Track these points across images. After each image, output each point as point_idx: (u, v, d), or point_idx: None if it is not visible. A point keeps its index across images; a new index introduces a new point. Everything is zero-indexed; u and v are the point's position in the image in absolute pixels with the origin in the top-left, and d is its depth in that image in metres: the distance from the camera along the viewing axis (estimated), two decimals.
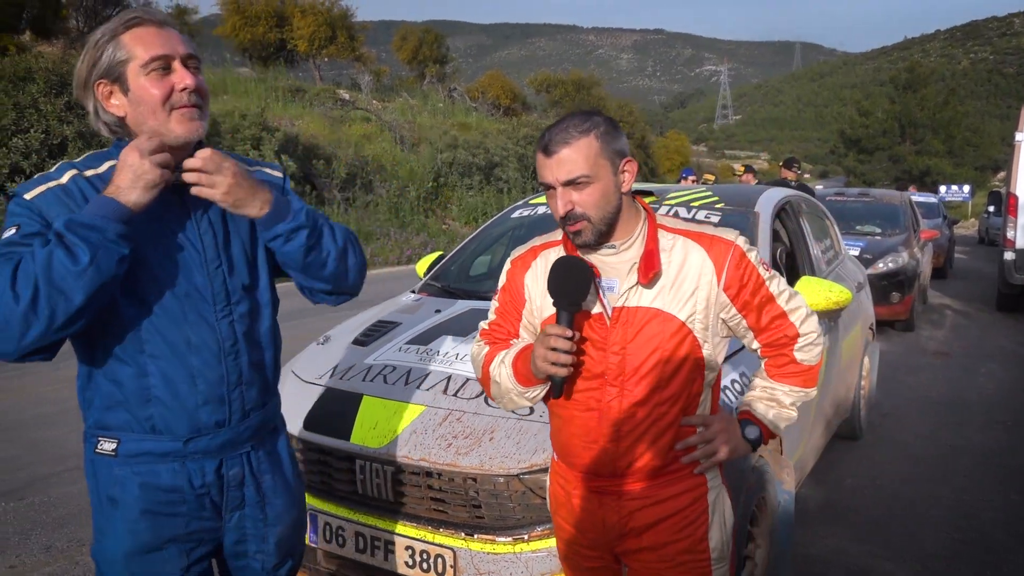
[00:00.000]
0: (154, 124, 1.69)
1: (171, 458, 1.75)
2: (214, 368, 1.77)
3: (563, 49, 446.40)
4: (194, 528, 1.80)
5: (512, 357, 1.91)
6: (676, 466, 1.91)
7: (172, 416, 1.73)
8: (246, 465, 1.85)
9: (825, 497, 4.48)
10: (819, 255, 4.63)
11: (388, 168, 20.63)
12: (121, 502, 1.75)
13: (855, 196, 11.53)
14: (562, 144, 1.75)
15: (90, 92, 1.71)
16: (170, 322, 1.72)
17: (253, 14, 30.53)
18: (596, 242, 1.82)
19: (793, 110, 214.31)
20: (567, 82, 40.35)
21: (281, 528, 1.94)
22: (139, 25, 1.70)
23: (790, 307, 1.92)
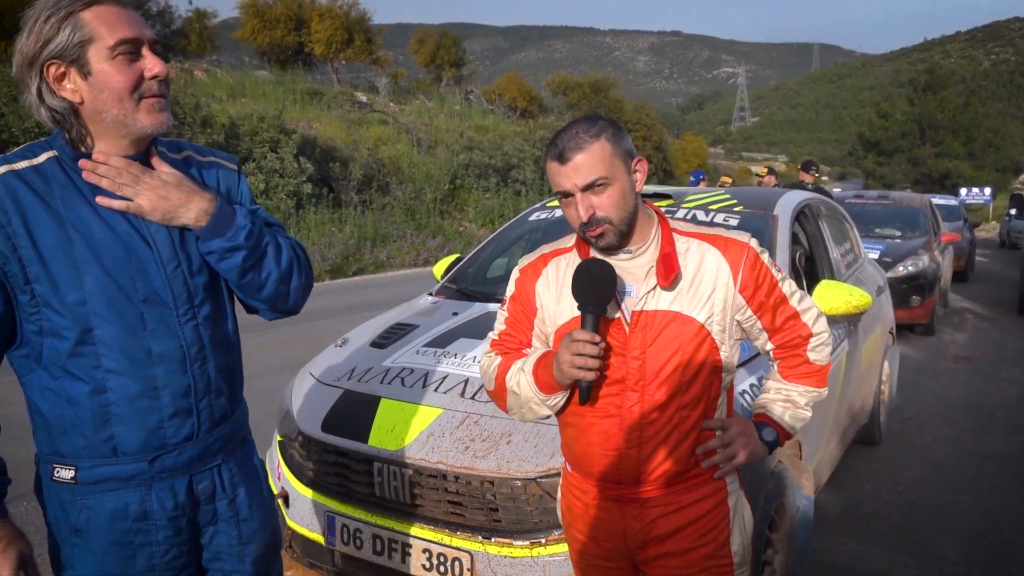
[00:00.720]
0: (118, 113, 1.53)
1: (136, 481, 1.61)
2: (179, 378, 1.62)
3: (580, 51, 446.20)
4: (173, 556, 1.67)
5: (532, 365, 1.88)
6: (696, 471, 1.90)
7: (134, 435, 1.59)
8: (217, 479, 1.73)
9: (844, 503, 4.44)
10: (838, 258, 4.59)
11: (405, 170, 20.68)
12: (86, 533, 1.61)
13: (874, 199, 11.44)
14: (576, 150, 1.74)
15: (36, 72, 1.50)
16: (128, 332, 1.56)
17: (271, 17, 30.74)
18: (618, 244, 1.81)
19: (811, 112, 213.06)
20: (584, 84, 40.30)
21: (257, 546, 1.82)
22: (101, 3, 1.51)
23: (802, 307, 1.93)
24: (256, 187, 16.01)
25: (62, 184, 1.55)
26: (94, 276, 1.53)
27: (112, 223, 1.56)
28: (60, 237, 1.52)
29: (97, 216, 1.56)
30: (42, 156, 1.57)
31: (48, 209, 1.53)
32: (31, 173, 1.54)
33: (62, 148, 1.58)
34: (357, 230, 16.85)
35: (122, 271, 1.56)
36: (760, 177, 11.56)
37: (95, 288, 1.53)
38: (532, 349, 1.96)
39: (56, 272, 1.52)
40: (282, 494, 2.98)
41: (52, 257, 1.52)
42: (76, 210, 1.55)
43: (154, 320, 1.59)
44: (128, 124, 1.55)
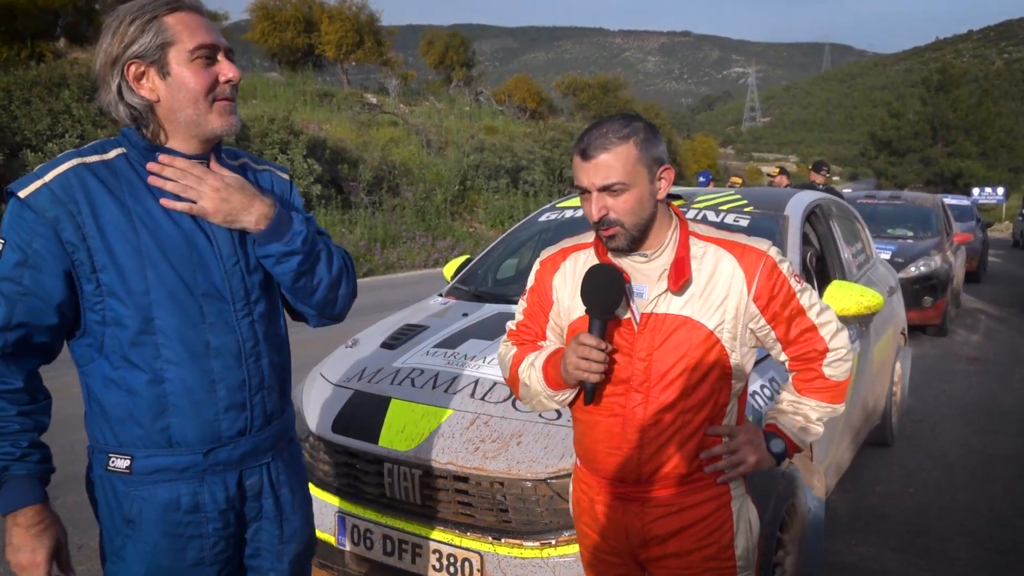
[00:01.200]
0: (192, 114, 1.61)
1: (190, 473, 1.65)
2: (235, 372, 1.67)
3: (589, 52, 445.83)
4: (221, 548, 1.71)
5: (542, 361, 1.90)
6: (700, 474, 1.89)
7: (190, 426, 1.63)
8: (265, 476, 1.77)
9: (856, 504, 4.42)
10: (850, 259, 4.57)
11: (415, 171, 20.71)
12: (139, 524, 1.64)
13: (886, 199, 11.39)
14: (600, 149, 1.74)
15: (118, 71, 1.59)
16: (187, 324, 1.61)
17: (282, 20, 30.82)
18: (628, 248, 1.81)
19: (822, 112, 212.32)
20: (593, 85, 40.27)
21: (296, 546, 1.86)
22: (181, 9, 1.61)
23: (820, 321, 1.89)
24: None
25: (130, 180, 1.62)
26: (158, 268, 1.59)
27: (177, 219, 1.63)
28: (127, 229, 1.58)
29: (163, 211, 1.62)
30: (112, 152, 1.64)
31: (116, 201, 1.59)
32: (101, 167, 1.61)
33: (134, 145, 1.64)
34: (367, 231, 16.89)
35: (184, 265, 1.62)
36: (772, 177, 11.51)
37: (158, 279, 1.59)
38: (546, 342, 1.98)
39: (122, 262, 1.57)
40: None
41: (119, 247, 1.57)
42: (143, 204, 1.61)
43: (213, 314, 1.65)
44: (200, 124, 1.63)
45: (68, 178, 1.56)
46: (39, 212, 1.53)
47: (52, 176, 1.56)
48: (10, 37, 20.64)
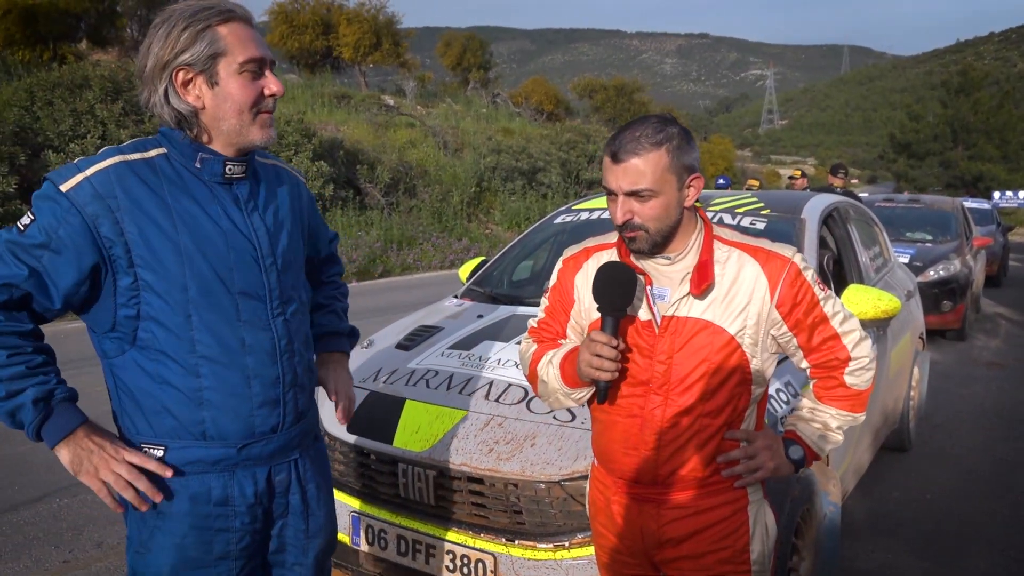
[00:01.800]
0: (235, 124, 1.66)
1: (222, 466, 1.68)
2: (269, 369, 1.71)
3: (607, 54, 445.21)
4: (246, 543, 1.74)
5: (560, 358, 1.91)
6: (717, 478, 1.89)
7: (226, 421, 1.66)
8: (293, 472, 1.80)
9: (873, 510, 4.39)
10: (867, 262, 4.54)
11: (431, 173, 20.77)
12: (168, 515, 1.67)
13: (905, 202, 11.31)
14: (632, 154, 1.72)
15: (166, 76, 1.62)
16: (224, 321, 1.65)
17: (300, 22, 31.01)
18: (650, 251, 1.81)
19: (841, 114, 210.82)
20: (609, 87, 40.21)
21: (321, 541, 1.89)
22: (234, 20, 1.64)
23: (843, 329, 1.88)
24: None
25: (171, 179, 1.65)
26: (196, 265, 1.63)
27: (216, 218, 1.67)
28: (167, 226, 1.61)
29: (203, 211, 1.66)
30: (153, 151, 1.67)
31: (157, 199, 1.62)
32: (142, 164, 1.64)
33: (175, 145, 1.68)
34: (384, 232, 16.95)
35: (222, 263, 1.66)
36: (793, 180, 11.43)
37: (196, 277, 1.62)
38: (566, 341, 1.99)
39: (162, 258, 1.60)
40: None
41: (158, 244, 1.60)
42: (183, 203, 1.64)
43: (248, 312, 1.69)
44: (242, 135, 1.68)
45: (108, 174, 1.59)
46: (77, 205, 1.56)
47: (93, 171, 1.59)
48: (32, 39, 20.87)
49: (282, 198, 1.85)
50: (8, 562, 3.71)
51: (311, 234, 2.02)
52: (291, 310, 1.78)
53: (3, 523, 4.11)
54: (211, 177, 1.69)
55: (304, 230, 1.95)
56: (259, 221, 1.74)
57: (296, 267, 1.85)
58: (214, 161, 1.68)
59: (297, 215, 1.89)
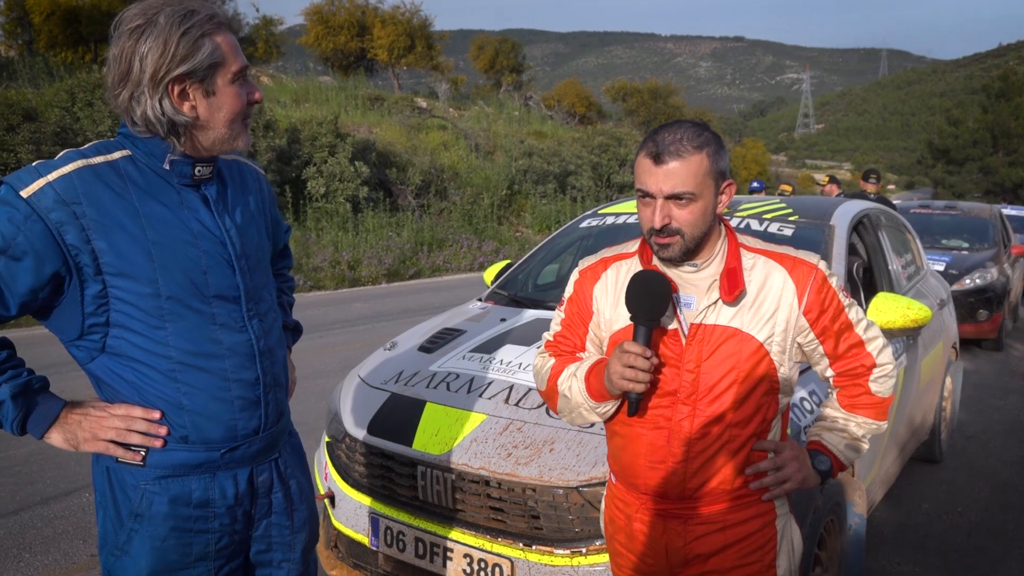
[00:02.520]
0: (224, 132, 1.63)
1: (203, 469, 1.66)
2: (248, 371, 1.69)
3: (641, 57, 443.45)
4: (225, 544, 1.71)
5: (585, 371, 1.86)
6: (746, 490, 1.85)
7: (207, 425, 1.64)
8: (275, 471, 1.79)
9: (901, 522, 4.31)
10: (899, 270, 4.47)
11: (463, 175, 20.82)
12: (147, 518, 1.64)
13: (941, 208, 11.09)
14: (675, 156, 1.70)
15: (163, 86, 1.54)
16: (200, 325, 1.62)
17: (335, 24, 31.30)
18: (681, 259, 1.78)
19: (878, 119, 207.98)
20: (643, 90, 40.04)
21: (306, 534, 1.88)
22: (224, 26, 1.61)
23: (868, 336, 1.88)
24: (317, 191, 16.31)
25: (137, 182, 1.60)
26: (168, 271, 1.59)
27: (186, 221, 1.62)
28: (136, 231, 1.56)
29: (172, 214, 1.61)
30: (116, 153, 1.61)
31: (124, 203, 1.57)
32: (106, 168, 1.58)
33: (139, 147, 1.61)
34: (414, 234, 17.02)
35: (195, 267, 1.62)
36: (822, 186, 11.29)
37: (169, 282, 1.59)
38: (586, 353, 1.95)
39: (132, 264, 1.56)
40: (328, 494, 3.02)
41: (128, 249, 1.55)
42: (151, 207, 1.59)
43: (224, 315, 1.66)
44: (227, 142, 1.65)
45: (72, 179, 1.53)
46: (39, 212, 1.49)
47: (56, 176, 1.52)
48: (74, 41, 21.32)
49: (248, 195, 1.82)
50: (37, 555, 3.78)
51: (274, 228, 1.98)
52: (263, 309, 1.76)
53: (33, 517, 4.19)
54: (179, 179, 1.64)
55: (269, 225, 1.92)
56: (230, 222, 1.70)
57: (265, 264, 1.82)
58: (183, 163, 1.63)
59: (259, 209, 1.86)
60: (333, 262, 14.49)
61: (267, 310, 1.77)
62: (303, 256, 14.54)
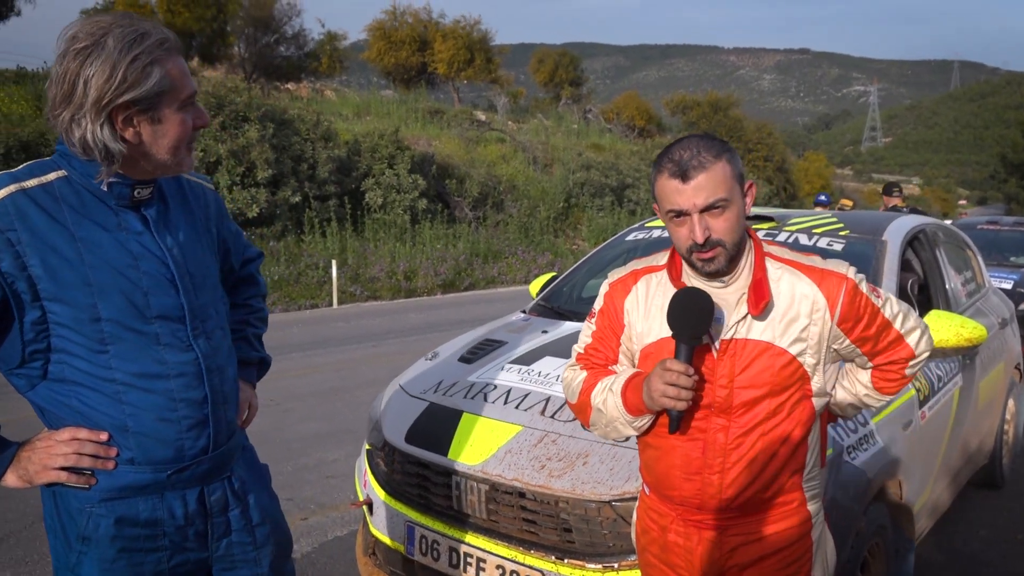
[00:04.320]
0: (167, 158, 1.60)
1: (150, 491, 1.62)
2: (195, 390, 1.65)
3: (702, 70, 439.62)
4: (178, 562, 1.68)
5: (621, 386, 1.84)
6: (783, 499, 1.85)
7: (152, 446, 1.60)
8: (228, 489, 1.75)
9: (955, 549, 4.16)
10: (957, 287, 4.33)
11: (520, 188, 20.91)
12: (95, 541, 1.61)
13: (1010, 225, 10.71)
14: (700, 169, 1.70)
15: (105, 112, 1.49)
16: (142, 347, 1.58)
17: (397, 39, 31.82)
18: (726, 269, 1.77)
19: (949, 132, 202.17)
20: (703, 103, 39.67)
21: (272, 548, 1.84)
22: (173, 51, 1.56)
23: (906, 328, 1.88)
24: (375, 202, 16.56)
25: (72, 205, 1.56)
26: (107, 294, 1.55)
27: (124, 242, 1.59)
28: (72, 255, 1.53)
29: (109, 235, 1.58)
30: (51, 175, 1.57)
31: (59, 227, 1.53)
32: (40, 192, 1.54)
33: (76, 168, 1.58)
34: (470, 246, 17.15)
35: (135, 290, 1.58)
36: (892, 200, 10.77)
37: (109, 306, 1.55)
38: (619, 366, 1.94)
39: (70, 289, 1.53)
40: (366, 501, 3.06)
41: (65, 274, 1.52)
42: (87, 230, 1.56)
43: (168, 335, 1.62)
44: (169, 167, 1.62)
45: (5, 205, 1.49)
46: None
47: None
48: None
49: (189, 212, 1.77)
50: None
51: (223, 245, 1.92)
52: (211, 327, 1.71)
53: None
54: (118, 201, 1.59)
55: (214, 241, 1.85)
56: (172, 241, 1.66)
57: (211, 282, 1.77)
58: (122, 184, 1.58)
59: (204, 226, 1.81)
60: (389, 273, 14.69)
61: (214, 328, 1.73)
62: (361, 266, 14.77)
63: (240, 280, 2.05)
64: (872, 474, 2.72)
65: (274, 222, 14.72)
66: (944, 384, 3.57)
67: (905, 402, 3.12)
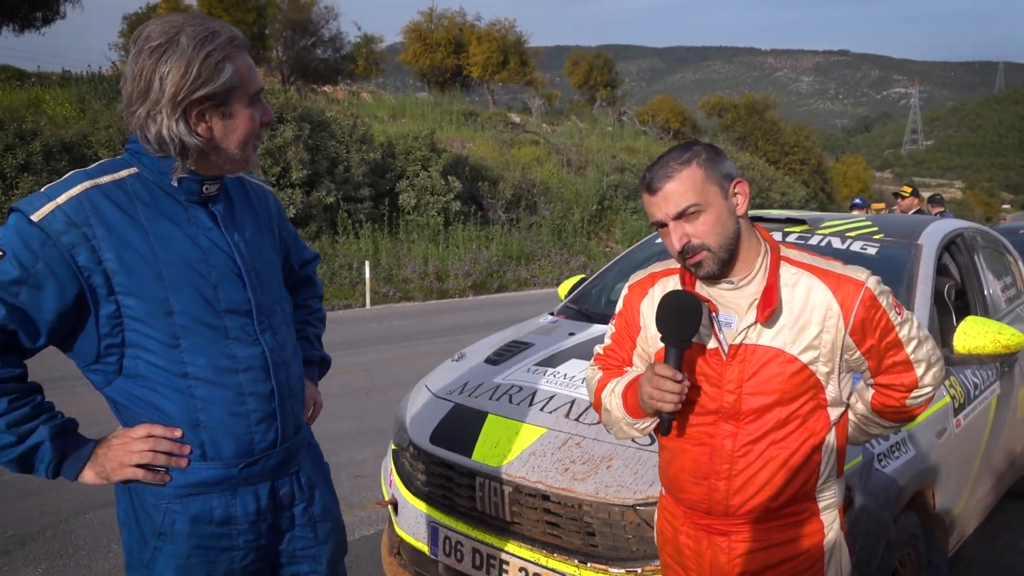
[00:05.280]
0: (236, 153, 1.64)
1: (223, 486, 1.66)
2: (263, 384, 1.68)
3: (739, 72, 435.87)
4: (250, 560, 1.71)
5: (622, 388, 1.88)
6: (792, 509, 1.82)
7: (224, 440, 1.64)
8: (295, 483, 1.79)
9: (993, 561, 4.06)
10: (996, 293, 4.23)
11: (553, 190, 20.90)
12: (170, 537, 1.64)
13: None
14: (665, 179, 1.71)
15: (180, 108, 1.54)
16: (213, 341, 1.62)
17: (433, 42, 32.00)
18: (719, 271, 1.75)
19: (994, 135, 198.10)
20: (739, 105, 39.32)
21: (331, 545, 1.87)
22: (242, 48, 1.61)
23: (916, 356, 1.82)
24: (408, 203, 16.65)
25: (145, 200, 1.60)
26: (179, 288, 1.59)
27: (194, 238, 1.63)
28: (145, 250, 1.57)
29: (179, 230, 1.62)
30: (123, 172, 1.61)
31: (132, 222, 1.57)
32: (114, 188, 1.58)
33: (148, 165, 1.62)
34: (502, 248, 17.17)
35: (205, 283, 1.62)
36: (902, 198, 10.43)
37: (181, 299, 1.59)
38: (632, 368, 1.96)
39: (143, 283, 1.56)
40: (392, 501, 3.06)
41: (139, 268, 1.56)
42: (159, 225, 1.60)
43: (236, 329, 1.66)
44: (238, 163, 1.66)
45: (81, 201, 1.54)
46: (52, 236, 1.50)
47: (65, 199, 1.53)
48: None
49: (252, 211, 1.82)
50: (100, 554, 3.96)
51: (284, 245, 1.97)
52: (276, 322, 1.75)
53: (103, 516, 4.37)
54: (187, 196, 1.64)
55: (276, 241, 1.90)
56: (238, 237, 1.71)
57: (276, 279, 1.82)
58: (191, 180, 1.63)
59: (267, 226, 1.86)
60: (422, 274, 14.76)
61: (280, 324, 1.77)
62: (394, 267, 14.86)
63: (299, 281, 2.10)
64: (904, 482, 2.67)
65: (309, 223, 14.87)
66: (981, 392, 3.49)
67: (939, 409, 3.05)
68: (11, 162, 11.74)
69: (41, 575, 3.78)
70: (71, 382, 6.53)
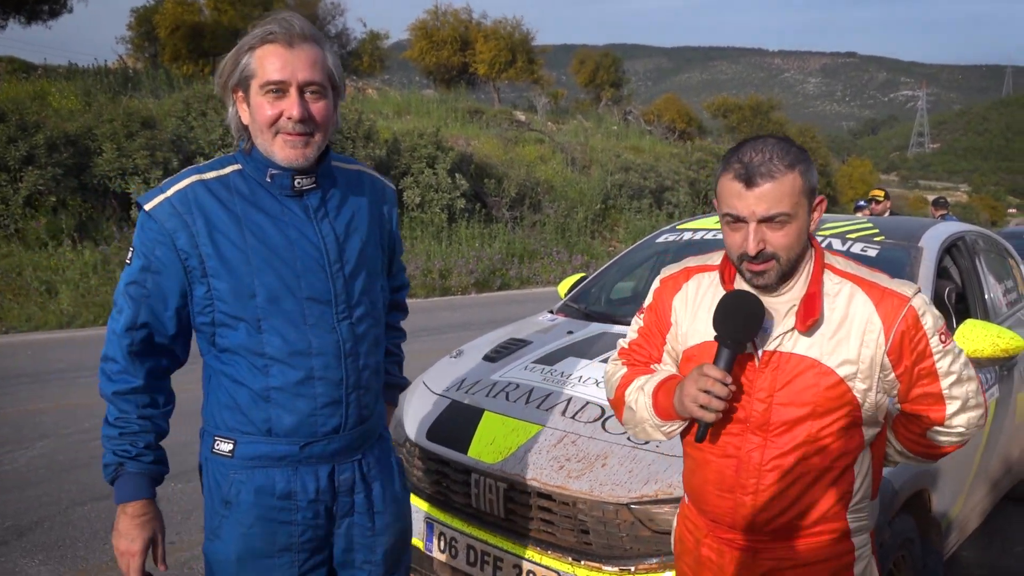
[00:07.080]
0: (262, 141, 1.75)
1: (286, 463, 1.77)
2: (334, 371, 1.78)
3: (746, 73, 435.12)
4: (308, 537, 1.81)
5: (653, 387, 1.79)
6: (820, 529, 1.73)
7: (290, 419, 1.75)
8: (357, 471, 1.86)
9: (990, 565, 4.06)
10: (998, 297, 4.23)
11: (558, 189, 20.87)
12: (235, 506, 1.78)
13: None
14: (767, 177, 1.58)
15: (228, 93, 1.77)
16: (291, 324, 1.74)
17: (439, 39, 31.97)
18: (776, 285, 1.67)
19: (1001, 139, 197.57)
20: (744, 106, 39.25)
21: (388, 538, 1.93)
22: (272, 42, 1.71)
23: (951, 393, 1.71)
24: (412, 200, 16.66)
25: (243, 194, 1.77)
26: (264, 273, 1.73)
27: (283, 229, 1.77)
28: (237, 237, 1.73)
29: (271, 221, 1.76)
30: (228, 168, 1.80)
31: (229, 213, 1.74)
32: (216, 183, 1.77)
33: (251, 162, 1.79)
34: (505, 246, 17.16)
35: (289, 271, 1.75)
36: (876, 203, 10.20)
37: (265, 284, 1.73)
38: (661, 366, 1.88)
39: (232, 267, 1.72)
40: None
41: (229, 254, 1.72)
42: (253, 216, 1.75)
43: (314, 316, 1.77)
44: (268, 152, 1.76)
45: (186, 193, 1.73)
46: (160, 222, 1.71)
47: (173, 191, 1.74)
48: (196, 55, 22.50)
49: (358, 203, 1.90)
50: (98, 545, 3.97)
51: (391, 246, 2.05)
52: (358, 314, 1.83)
53: (100, 507, 4.36)
54: (281, 190, 1.78)
55: (385, 237, 1.99)
56: (328, 228, 1.81)
57: (369, 273, 1.87)
58: (283, 175, 1.77)
59: (375, 221, 1.93)
60: (425, 271, 14.76)
61: (363, 316, 1.85)
62: None
63: (393, 306, 2.20)
64: (898, 484, 2.66)
65: None
66: None
67: None
68: (14, 154, 11.75)
69: (38, 566, 3.79)
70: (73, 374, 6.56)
